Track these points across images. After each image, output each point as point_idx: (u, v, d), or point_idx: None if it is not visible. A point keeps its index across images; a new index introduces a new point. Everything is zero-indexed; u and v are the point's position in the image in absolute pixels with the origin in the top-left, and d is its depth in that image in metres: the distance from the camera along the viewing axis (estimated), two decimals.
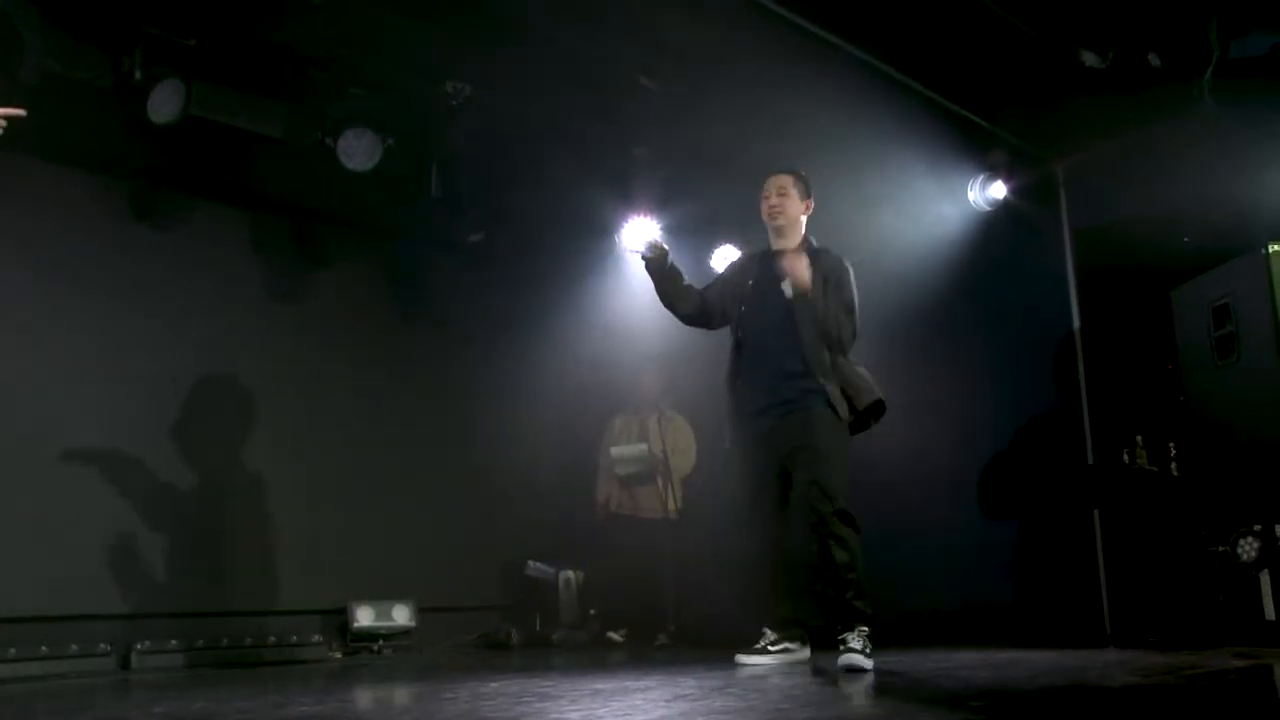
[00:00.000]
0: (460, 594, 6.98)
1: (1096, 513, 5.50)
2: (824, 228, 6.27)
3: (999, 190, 6.08)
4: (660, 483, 6.96)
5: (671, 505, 6.94)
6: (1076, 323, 5.76)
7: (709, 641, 6.27)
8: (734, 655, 4.49)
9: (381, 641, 6.46)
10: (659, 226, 5.00)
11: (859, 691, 3.44)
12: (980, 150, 6.03)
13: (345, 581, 6.47)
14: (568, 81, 5.82)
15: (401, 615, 6.54)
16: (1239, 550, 4.80)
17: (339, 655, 6.30)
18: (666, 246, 4.77)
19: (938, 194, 6.13)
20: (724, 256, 7.32)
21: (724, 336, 5.03)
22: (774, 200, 4.69)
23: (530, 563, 7.22)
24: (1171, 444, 5.58)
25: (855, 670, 3.97)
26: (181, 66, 5.40)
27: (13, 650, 5.26)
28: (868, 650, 4.11)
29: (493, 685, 3.84)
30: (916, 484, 5.94)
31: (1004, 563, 5.77)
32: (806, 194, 4.75)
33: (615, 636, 6.96)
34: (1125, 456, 5.61)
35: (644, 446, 7.00)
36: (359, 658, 6.27)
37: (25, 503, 5.49)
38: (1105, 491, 5.55)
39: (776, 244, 4.73)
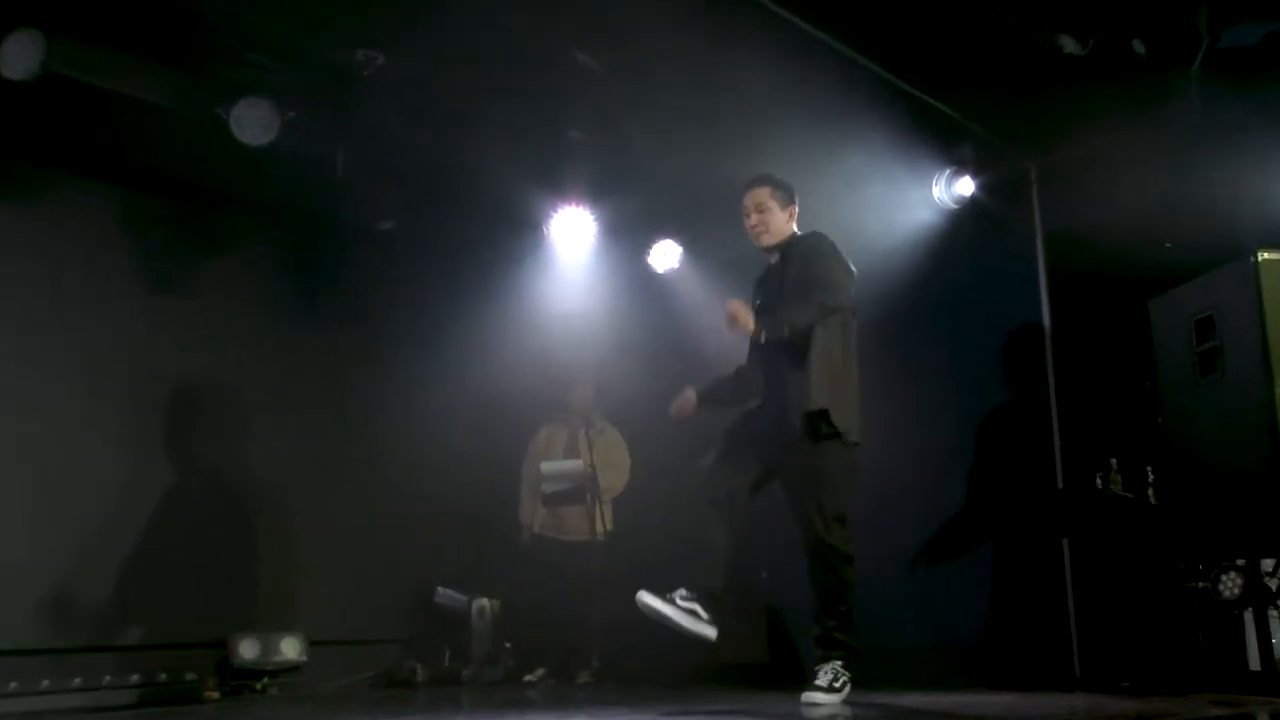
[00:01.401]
0: (358, 625, 6.85)
1: (1066, 542, 5.50)
2: None
3: (966, 186, 6.06)
4: (589, 501, 6.88)
5: (600, 527, 6.87)
6: (1048, 333, 5.74)
7: (637, 680, 6.35)
8: (666, 693, 4.66)
9: (267, 679, 6.29)
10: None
11: None
12: (947, 142, 6.01)
13: (225, 611, 6.33)
14: (495, 54, 5.67)
15: (290, 649, 6.36)
16: (1220, 586, 4.77)
17: (216, 695, 6.13)
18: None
19: (899, 189, 6.11)
20: (663, 253, 7.44)
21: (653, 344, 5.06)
22: (754, 220, 4.72)
23: (439, 589, 7.10)
24: (1149, 468, 5.52)
25: (810, 705, 4.13)
26: (41, 16, 5.15)
27: None
28: (837, 684, 4.24)
29: None
30: (866, 507, 5.86)
31: (964, 596, 5.74)
32: (788, 200, 4.78)
33: (532, 678, 6.84)
34: (1098, 481, 5.55)
35: (578, 462, 6.94)
36: (240, 699, 6.13)
37: None
38: (1075, 519, 5.54)
39: (770, 260, 4.81)
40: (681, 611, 4.34)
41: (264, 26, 5.66)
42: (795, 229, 4.77)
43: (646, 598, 4.35)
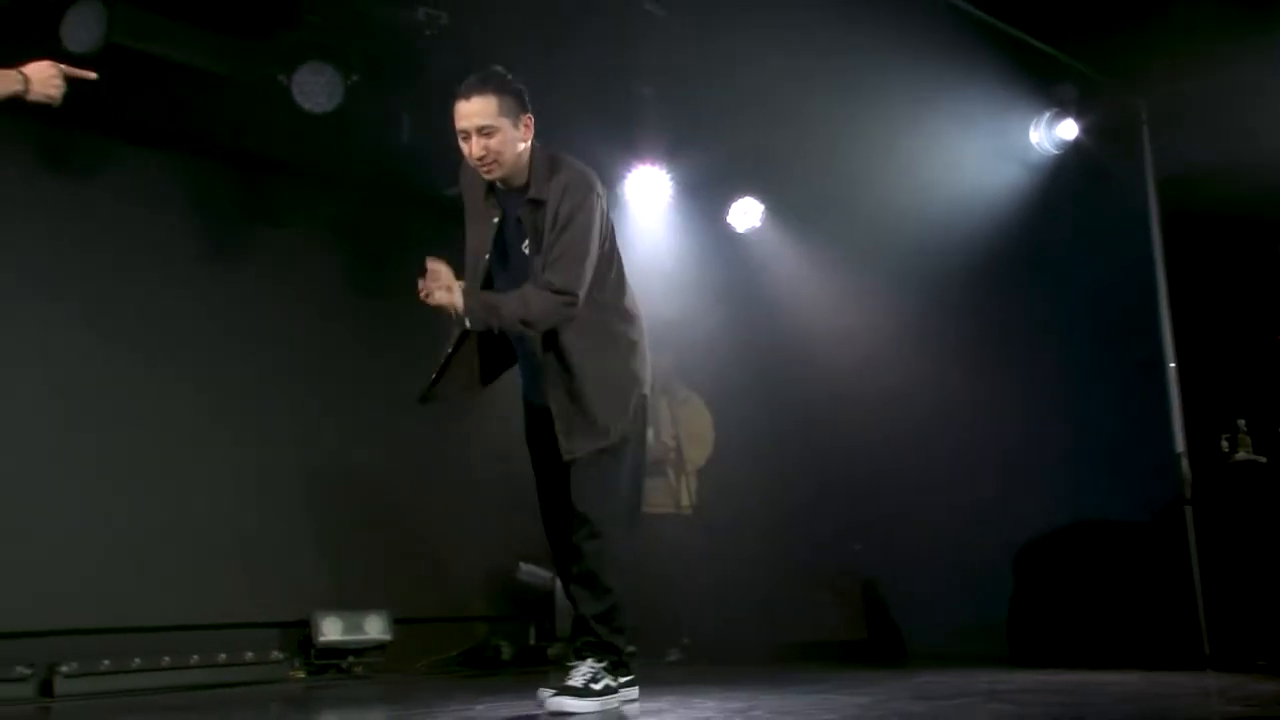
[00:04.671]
0: (442, 603, 6.92)
1: (1189, 511, 5.41)
2: (857, 175, 6.38)
3: (1068, 130, 6.05)
4: (671, 474, 6.95)
5: (684, 500, 6.94)
6: (1162, 286, 5.70)
7: (729, 656, 6.33)
8: (758, 671, 4.51)
9: (351, 658, 6.35)
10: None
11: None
12: (1046, 83, 5.98)
13: (309, 590, 6.38)
14: (560, 8, 5.70)
15: (374, 628, 6.42)
16: None
17: (301, 675, 6.21)
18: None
19: (995, 135, 6.12)
20: (743, 211, 7.46)
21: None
22: (476, 149, 3.65)
23: (522, 566, 7.07)
24: None
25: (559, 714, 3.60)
26: None
27: None
28: (598, 686, 3.68)
29: (479, 709, 3.89)
30: (969, 479, 6.00)
31: (1079, 570, 5.66)
32: (519, 109, 3.70)
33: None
34: (1224, 444, 5.49)
35: (649, 433, 6.83)
36: (324, 678, 6.21)
37: None
38: (1199, 486, 5.46)
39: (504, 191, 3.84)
40: (600, 697, 3.69)
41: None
42: (530, 150, 3.74)
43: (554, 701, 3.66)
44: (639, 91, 6.63)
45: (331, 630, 6.29)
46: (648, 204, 7.24)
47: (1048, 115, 6.04)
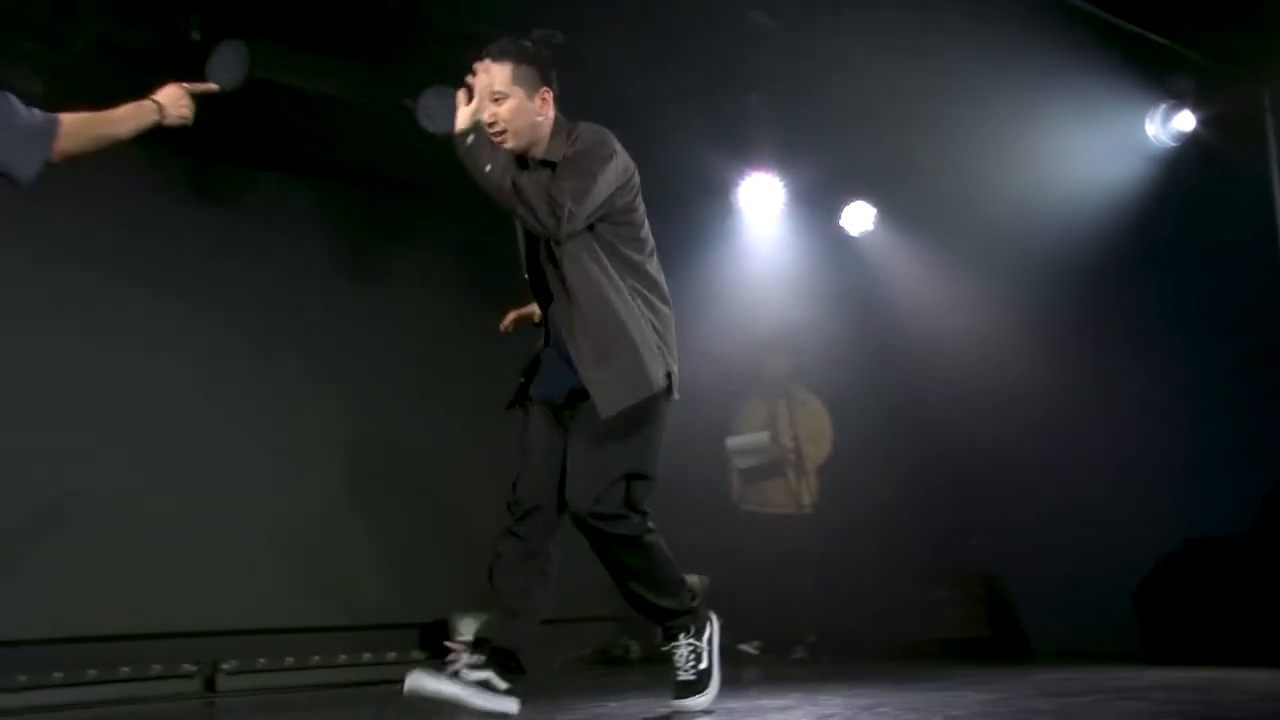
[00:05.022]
0: (572, 604, 6.74)
1: None
2: (969, 174, 6.39)
3: (1186, 121, 5.90)
4: (791, 474, 6.99)
5: (805, 499, 6.98)
6: None
7: (852, 654, 6.38)
8: (882, 668, 4.45)
9: None
10: None
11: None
12: (1161, 75, 5.87)
13: (446, 591, 6.55)
14: (670, 22, 5.73)
15: None
16: None
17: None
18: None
19: (1112, 128, 6.00)
20: (856, 215, 7.41)
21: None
22: (487, 115, 3.48)
23: None
24: None
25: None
26: (242, 25, 5.49)
27: (91, 672, 5.47)
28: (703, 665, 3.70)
29: (611, 705, 3.95)
30: (1085, 477, 5.95)
31: (1205, 568, 5.47)
32: (538, 80, 3.54)
33: (748, 649, 6.91)
34: None
35: (764, 435, 7.02)
36: None
37: (100, 514, 5.71)
38: None
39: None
40: (469, 687, 3.50)
41: (444, 14, 5.88)
42: (549, 122, 3.57)
43: (421, 681, 3.48)
44: (749, 101, 6.63)
45: (468, 630, 6.14)
46: (762, 211, 7.24)
47: (1164, 107, 5.91)
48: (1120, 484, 5.77)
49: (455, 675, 3.49)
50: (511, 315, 4.10)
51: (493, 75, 3.49)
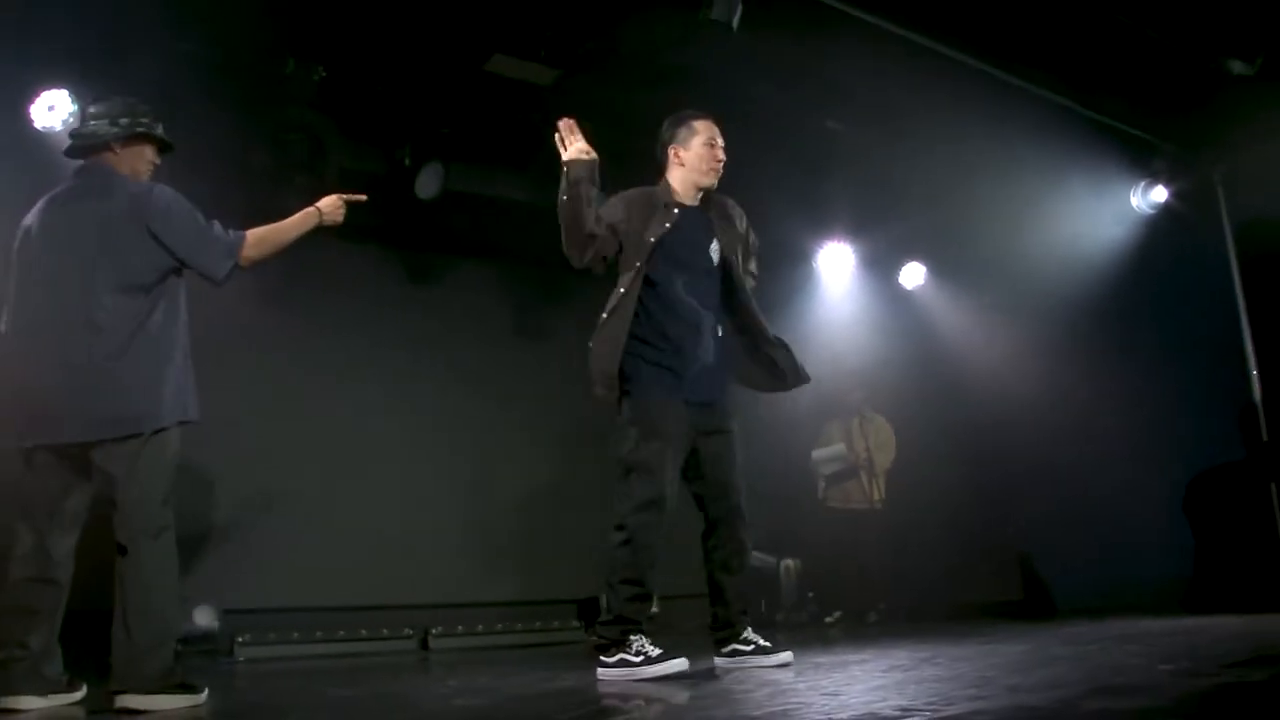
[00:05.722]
0: (697, 583, 6.77)
1: (1274, 486, 5.39)
2: (1000, 239, 6.44)
3: (1160, 194, 6.03)
4: (864, 477, 7.10)
5: (876, 496, 7.07)
6: (1243, 312, 5.68)
7: (917, 617, 6.50)
8: (940, 628, 4.34)
9: None
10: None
11: (1026, 656, 3.39)
12: (1142, 159, 6.01)
13: (597, 572, 6.58)
14: (769, 133, 6.01)
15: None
16: None
17: (593, 638, 6.39)
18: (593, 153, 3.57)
19: (1105, 200, 6.12)
20: (911, 273, 7.49)
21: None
22: (721, 154, 3.71)
23: (754, 553, 7.09)
24: None
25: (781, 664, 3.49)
26: (441, 151, 5.94)
27: (341, 632, 5.92)
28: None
29: (718, 661, 3.83)
30: (1096, 469, 5.93)
31: (1187, 537, 5.67)
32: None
33: (830, 619, 7.04)
34: None
35: (840, 446, 7.11)
36: None
37: (352, 521, 6.09)
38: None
39: (681, 200, 3.74)
40: (641, 664, 3.41)
41: (593, 130, 6.22)
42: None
43: (603, 674, 3.44)
44: (827, 186, 6.84)
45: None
46: (836, 273, 7.41)
47: (1143, 183, 6.04)
48: (1125, 474, 5.80)
49: (625, 663, 3.47)
50: None
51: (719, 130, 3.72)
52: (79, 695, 3.28)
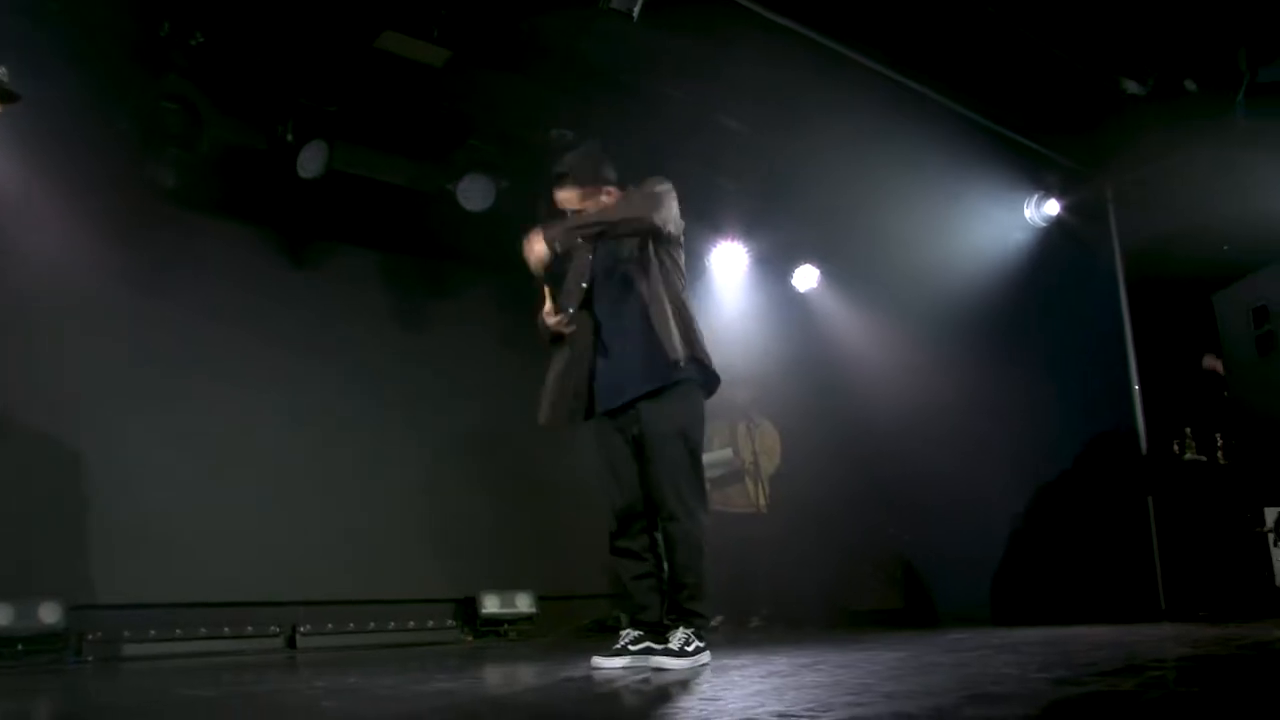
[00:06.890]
0: (575, 583, 7.00)
1: (1150, 499, 5.54)
2: (893, 244, 6.48)
3: (1053, 208, 6.14)
4: (749, 481, 7.10)
5: (760, 501, 7.08)
6: (1128, 326, 5.82)
7: (799, 622, 6.54)
8: (822, 635, 4.39)
9: (507, 626, 6.60)
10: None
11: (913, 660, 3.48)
12: (1036, 172, 6.10)
13: (474, 573, 6.65)
14: (663, 128, 6.03)
15: (524, 603, 6.67)
16: None
17: (470, 639, 6.49)
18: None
19: (997, 211, 6.22)
20: (804, 276, 7.53)
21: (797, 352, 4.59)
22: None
23: None
24: (1218, 434, 5.62)
25: (661, 671, 3.50)
26: (325, 130, 5.80)
27: (202, 629, 5.77)
28: (689, 649, 3.60)
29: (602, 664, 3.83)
30: (980, 478, 6.03)
31: (1065, 547, 5.78)
32: (593, 181, 3.95)
33: (712, 623, 6.91)
34: (1175, 447, 5.63)
35: (727, 451, 7.10)
36: (487, 641, 6.45)
37: (216, 513, 5.95)
38: (1158, 479, 5.58)
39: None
40: (638, 656, 3.62)
41: (480, 118, 6.17)
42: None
43: (601, 662, 3.64)
44: (722, 185, 6.89)
45: (491, 605, 6.56)
46: (729, 272, 7.44)
47: (1037, 196, 6.12)
48: (1004, 482, 5.94)
49: (624, 651, 3.66)
50: None
51: (563, 196, 3.96)
52: None
